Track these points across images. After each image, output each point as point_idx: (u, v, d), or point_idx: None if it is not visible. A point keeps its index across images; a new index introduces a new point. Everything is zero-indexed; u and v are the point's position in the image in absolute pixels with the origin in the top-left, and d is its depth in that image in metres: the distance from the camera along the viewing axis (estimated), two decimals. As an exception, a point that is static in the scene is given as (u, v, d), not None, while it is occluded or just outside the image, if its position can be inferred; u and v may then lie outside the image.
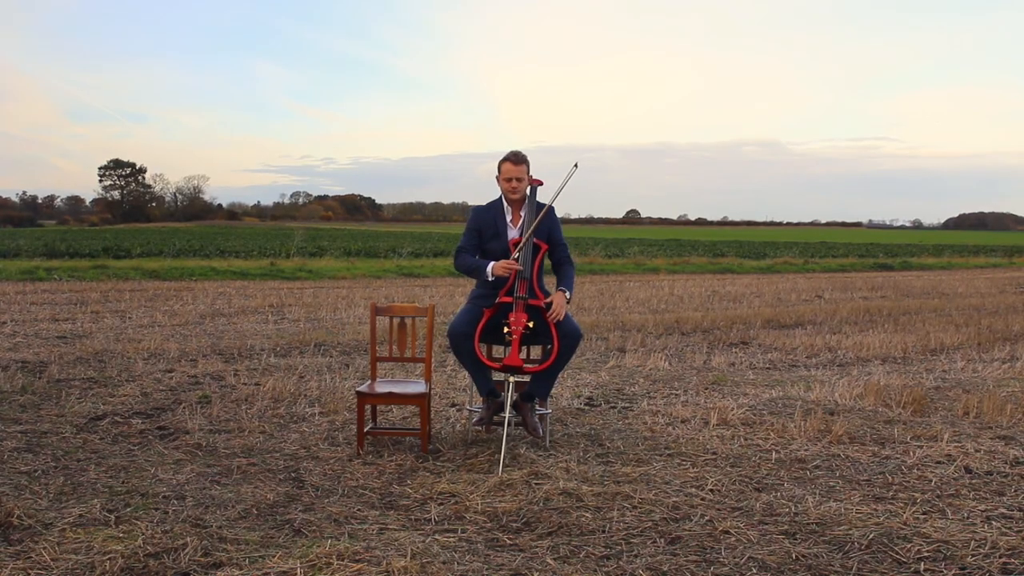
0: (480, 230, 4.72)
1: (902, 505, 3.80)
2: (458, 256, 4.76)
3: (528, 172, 4.66)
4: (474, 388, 4.82)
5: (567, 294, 4.57)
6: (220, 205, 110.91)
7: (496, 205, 4.75)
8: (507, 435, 4.45)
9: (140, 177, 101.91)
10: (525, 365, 4.48)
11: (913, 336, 9.50)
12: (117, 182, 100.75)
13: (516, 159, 4.62)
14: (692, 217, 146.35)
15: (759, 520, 3.62)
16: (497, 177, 4.71)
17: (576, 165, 4.55)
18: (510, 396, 4.56)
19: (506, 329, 4.41)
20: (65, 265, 18.74)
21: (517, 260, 4.50)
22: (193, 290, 14.21)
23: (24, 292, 13.19)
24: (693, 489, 4.00)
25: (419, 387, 4.76)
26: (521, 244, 4.54)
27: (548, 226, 4.68)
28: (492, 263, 4.55)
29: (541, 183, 4.67)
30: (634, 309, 12.51)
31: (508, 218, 4.71)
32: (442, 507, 3.75)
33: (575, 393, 6.24)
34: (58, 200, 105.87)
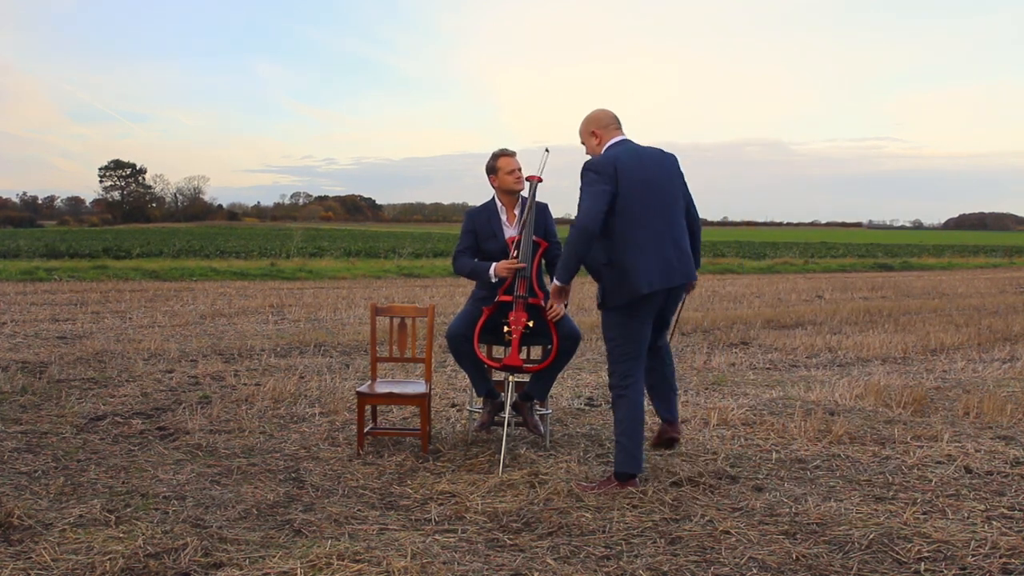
0: (476, 231, 4.71)
1: (902, 505, 3.80)
2: (457, 260, 4.75)
3: None
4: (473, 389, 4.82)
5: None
6: (220, 205, 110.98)
7: (490, 206, 4.74)
8: (507, 435, 4.45)
9: (140, 177, 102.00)
10: (525, 365, 4.48)
11: (913, 336, 9.50)
12: (117, 182, 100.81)
13: (511, 152, 4.68)
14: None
15: (759, 520, 3.62)
16: (491, 177, 4.69)
17: (547, 150, 4.60)
18: (510, 396, 4.56)
19: (506, 328, 4.41)
20: (65, 265, 18.74)
21: (517, 258, 4.50)
22: (193, 290, 14.21)
23: (24, 292, 13.19)
24: (693, 489, 4.00)
25: (419, 387, 4.76)
26: (521, 242, 4.52)
27: (544, 222, 4.68)
28: (494, 264, 4.54)
29: (541, 180, 4.67)
30: (634, 309, 12.49)
31: (503, 218, 4.70)
32: (442, 507, 3.75)
33: (575, 393, 6.24)
34: (58, 200, 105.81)
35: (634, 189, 3.90)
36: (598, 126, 4.11)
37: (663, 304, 4.10)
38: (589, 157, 4.12)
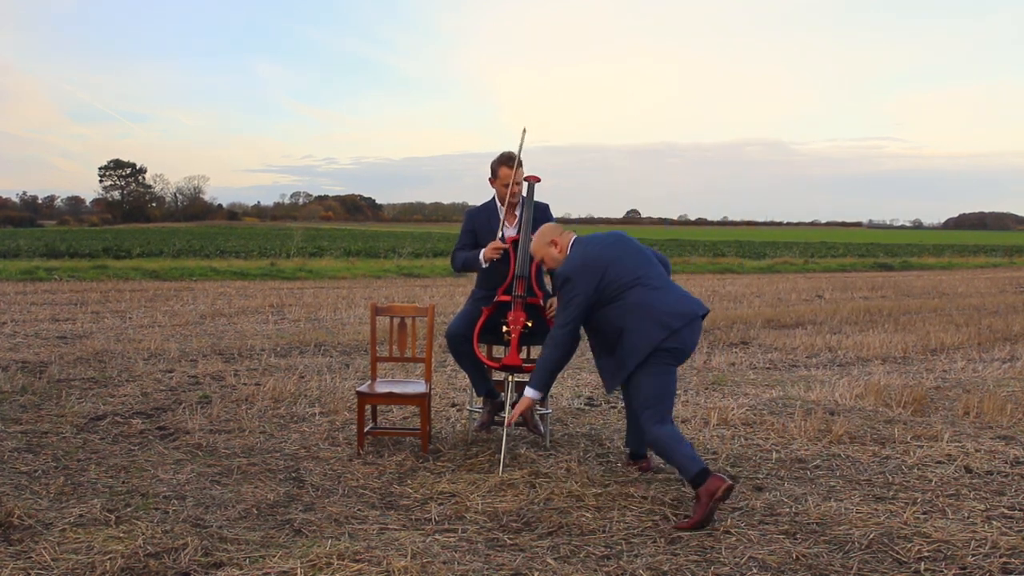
0: (475, 231, 4.72)
1: (902, 505, 3.80)
2: (455, 257, 4.76)
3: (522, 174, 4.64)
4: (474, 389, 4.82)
5: None
6: (220, 205, 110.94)
7: (489, 206, 4.73)
8: (507, 435, 4.45)
9: (140, 177, 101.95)
10: (524, 364, 4.47)
11: (913, 336, 9.50)
12: (117, 182, 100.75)
13: (513, 163, 4.53)
14: (692, 217, 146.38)
15: (759, 520, 3.62)
16: (491, 179, 4.67)
17: (525, 129, 4.54)
18: (510, 396, 4.56)
19: (505, 328, 4.41)
20: (65, 265, 18.73)
21: (516, 257, 4.49)
22: (193, 290, 14.21)
23: (24, 292, 13.19)
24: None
25: (419, 387, 4.76)
26: (519, 240, 4.52)
27: (544, 222, 4.66)
28: (482, 251, 4.55)
29: (539, 179, 4.66)
30: (634, 309, 12.48)
31: (502, 218, 4.68)
32: (442, 507, 3.75)
33: (575, 393, 6.24)
34: (58, 200, 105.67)
35: (617, 259, 3.91)
36: (553, 235, 4.14)
37: (687, 343, 3.90)
38: (554, 268, 4.12)
